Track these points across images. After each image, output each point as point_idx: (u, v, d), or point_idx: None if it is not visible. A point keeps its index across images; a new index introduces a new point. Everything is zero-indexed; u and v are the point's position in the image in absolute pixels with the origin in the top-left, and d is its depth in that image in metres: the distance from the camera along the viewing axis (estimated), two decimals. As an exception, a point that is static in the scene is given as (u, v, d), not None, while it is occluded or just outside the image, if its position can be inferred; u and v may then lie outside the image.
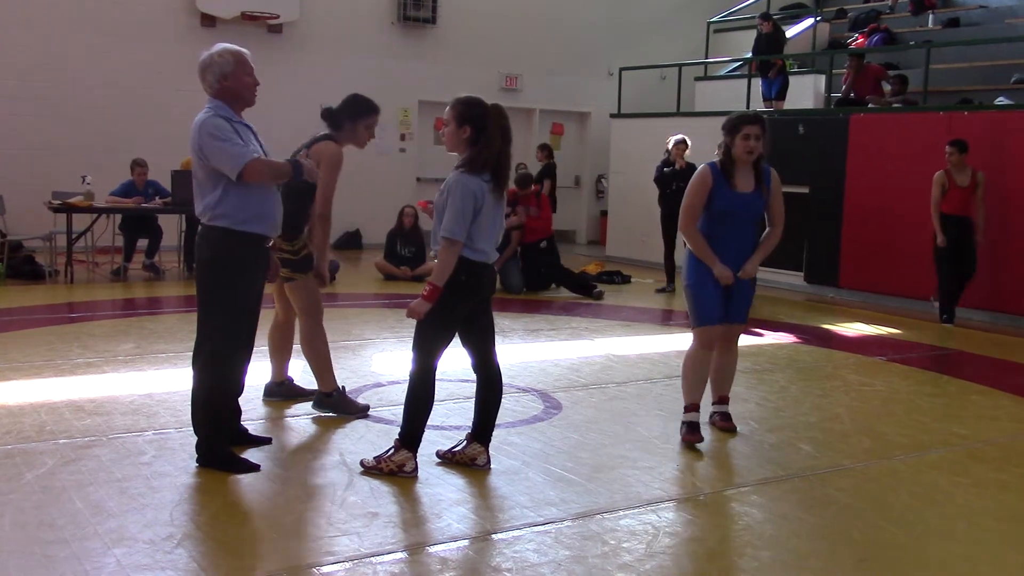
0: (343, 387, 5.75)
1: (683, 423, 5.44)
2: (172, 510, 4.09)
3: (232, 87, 4.53)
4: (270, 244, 4.75)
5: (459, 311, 4.56)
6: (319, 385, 5.69)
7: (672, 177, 11.35)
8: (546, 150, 14.32)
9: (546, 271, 11.39)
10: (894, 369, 7.74)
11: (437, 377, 4.66)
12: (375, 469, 4.63)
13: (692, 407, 5.44)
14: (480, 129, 4.47)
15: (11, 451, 4.76)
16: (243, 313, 4.61)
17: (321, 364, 5.66)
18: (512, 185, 11.08)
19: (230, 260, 4.51)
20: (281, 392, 5.92)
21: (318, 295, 5.69)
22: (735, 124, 5.38)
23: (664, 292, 11.62)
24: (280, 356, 5.91)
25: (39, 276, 10.60)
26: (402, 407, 4.67)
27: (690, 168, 11.31)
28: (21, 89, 12.88)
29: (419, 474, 4.63)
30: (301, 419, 5.56)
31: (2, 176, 12.20)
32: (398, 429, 4.69)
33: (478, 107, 4.50)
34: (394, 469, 4.59)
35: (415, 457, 4.64)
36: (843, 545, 4.07)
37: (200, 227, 4.61)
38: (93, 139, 13.16)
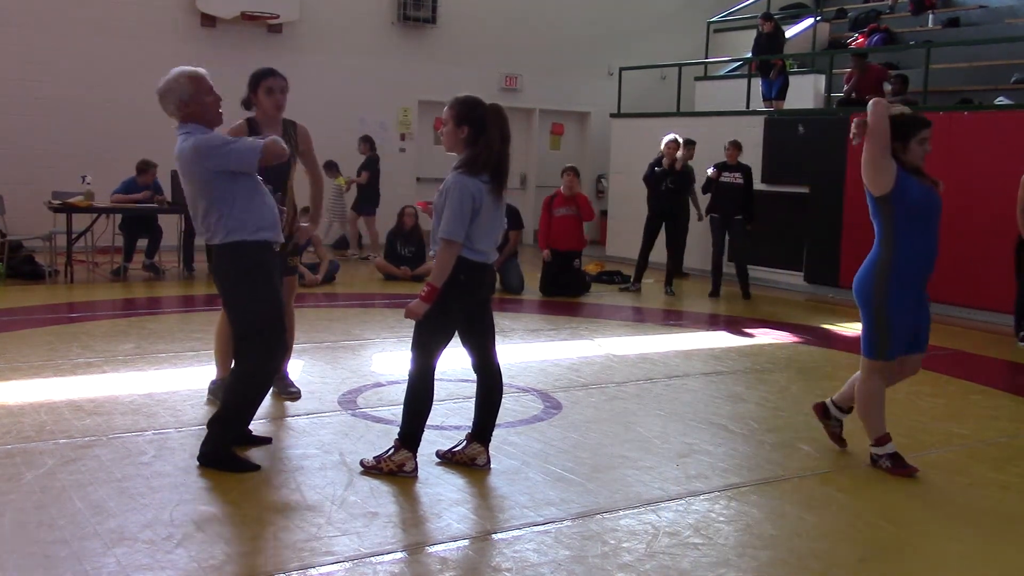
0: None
1: (884, 456, 4.99)
2: (172, 510, 4.09)
3: (194, 111, 4.56)
4: (277, 249, 4.79)
5: (458, 311, 4.57)
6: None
7: (663, 176, 11.35)
8: (368, 142, 14.08)
9: (565, 284, 11.13)
10: (894, 369, 7.72)
11: (437, 377, 4.66)
12: (375, 469, 4.63)
13: (887, 437, 4.99)
14: (478, 130, 4.47)
15: (11, 451, 4.76)
16: (272, 316, 4.63)
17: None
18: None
19: (248, 269, 4.56)
20: (277, 385, 5.96)
21: None
22: (910, 127, 4.78)
23: (629, 291, 11.65)
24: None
25: (39, 276, 10.59)
26: (402, 407, 4.68)
27: (684, 170, 11.36)
28: (21, 89, 12.88)
29: (419, 474, 4.63)
30: (301, 419, 5.56)
31: (2, 176, 12.21)
32: (396, 428, 4.69)
33: (476, 107, 4.50)
34: (394, 469, 4.60)
35: (415, 457, 4.64)
36: (843, 545, 4.07)
37: (211, 250, 4.67)
38: (93, 139, 13.15)
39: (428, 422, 4.67)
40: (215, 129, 4.64)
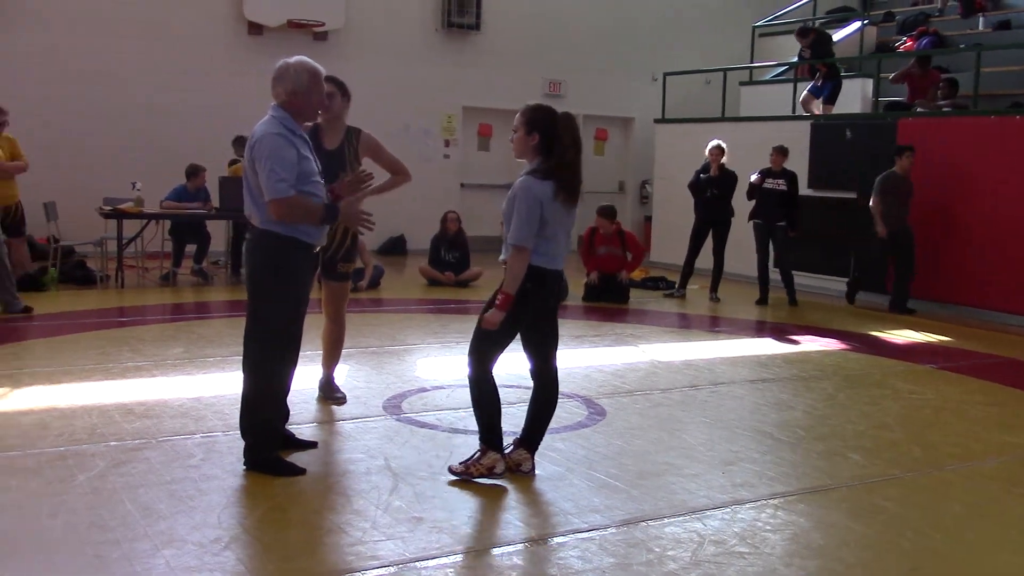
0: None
1: None
2: (220, 513, 4.14)
3: (299, 103, 4.59)
4: (317, 250, 4.81)
5: (523, 318, 4.54)
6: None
7: (708, 184, 11.26)
8: (242, 143, 13.26)
9: (608, 293, 11.03)
10: (945, 377, 7.62)
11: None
12: (464, 475, 4.61)
13: None
14: (548, 137, 4.46)
15: (64, 453, 4.85)
16: (293, 317, 4.67)
17: None
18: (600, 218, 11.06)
19: (283, 265, 4.57)
20: (323, 390, 6.08)
21: None
22: None
23: (673, 297, 11.58)
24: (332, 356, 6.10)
25: (90, 281, 10.77)
26: (445, 411, 4.69)
27: (726, 174, 11.24)
28: (72, 97, 13.11)
29: (461, 480, 4.63)
30: (346, 423, 5.59)
31: (55, 183, 12.41)
32: (441, 433, 4.71)
33: (548, 115, 4.50)
34: (484, 472, 4.58)
35: (503, 458, 4.62)
36: (892, 555, 4.01)
37: (251, 231, 4.67)
38: (143, 146, 13.35)
39: (471, 427, 4.67)
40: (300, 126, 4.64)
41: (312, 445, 5.09)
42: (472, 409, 4.69)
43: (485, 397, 4.60)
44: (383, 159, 5.87)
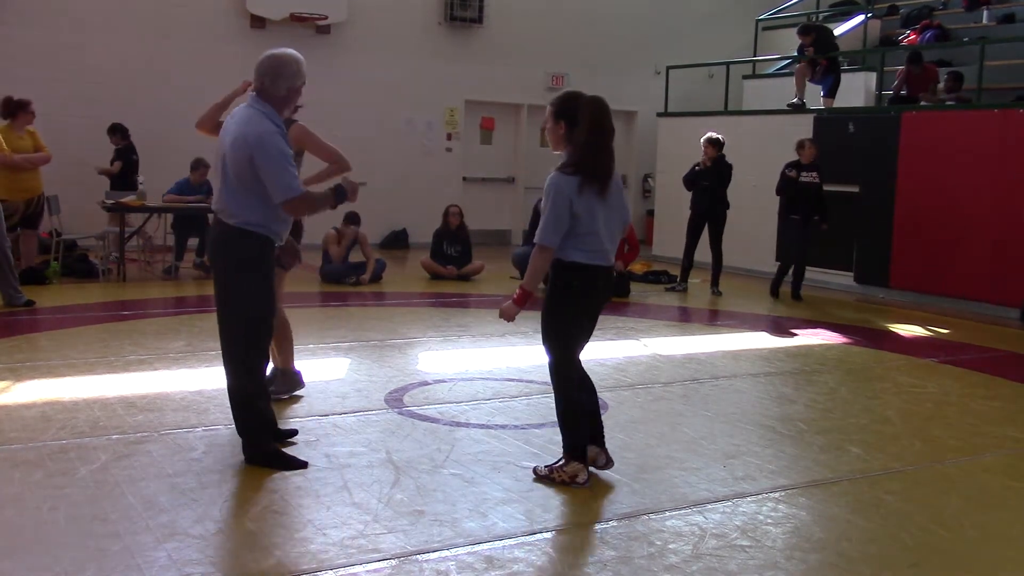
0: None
1: None
2: (221, 506, 4.14)
3: (289, 98, 4.62)
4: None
5: (580, 313, 4.48)
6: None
7: (701, 175, 11.23)
8: (118, 132, 12.47)
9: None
10: (946, 371, 7.61)
11: (484, 376, 4.66)
12: (547, 479, 4.57)
13: None
14: (574, 124, 4.39)
15: (66, 446, 4.85)
16: (268, 311, 4.69)
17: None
18: None
19: (259, 261, 4.57)
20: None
21: None
22: None
23: (675, 291, 11.56)
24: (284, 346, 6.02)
25: (93, 274, 10.78)
26: (447, 405, 4.69)
27: (721, 166, 11.13)
28: (75, 91, 13.09)
29: (465, 472, 4.64)
30: (348, 417, 5.60)
31: (57, 176, 12.39)
32: (443, 427, 4.71)
33: (571, 101, 4.43)
34: (566, 480, 4.53)
35: (587, 467, 4.56)
36: (894, 549, 4.01)
37: (220, 225, 4.59)
38: (145, 139, 13.31)
39: (473, 420, 4.67)
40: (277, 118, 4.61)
41: (292, 432, 5.09)
42: (556, 416, 4.62)
43: (568, 406, 4.52)
44: (317, 149, 5.66)
